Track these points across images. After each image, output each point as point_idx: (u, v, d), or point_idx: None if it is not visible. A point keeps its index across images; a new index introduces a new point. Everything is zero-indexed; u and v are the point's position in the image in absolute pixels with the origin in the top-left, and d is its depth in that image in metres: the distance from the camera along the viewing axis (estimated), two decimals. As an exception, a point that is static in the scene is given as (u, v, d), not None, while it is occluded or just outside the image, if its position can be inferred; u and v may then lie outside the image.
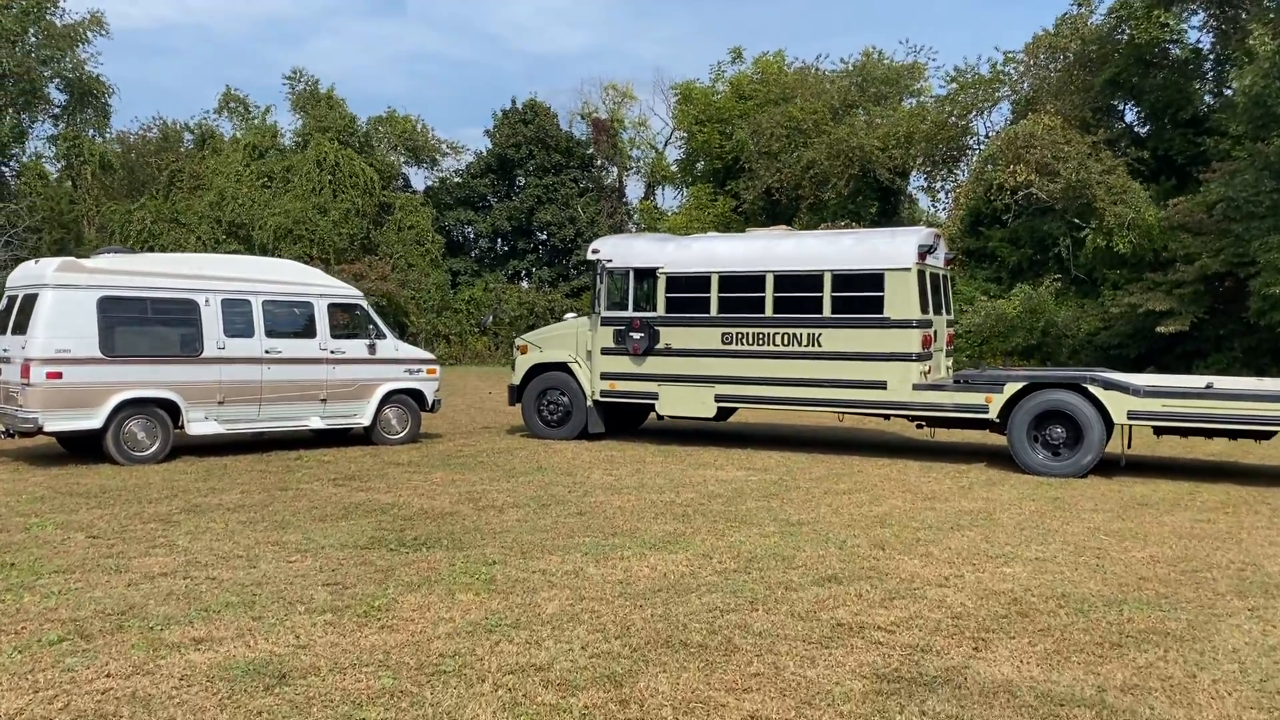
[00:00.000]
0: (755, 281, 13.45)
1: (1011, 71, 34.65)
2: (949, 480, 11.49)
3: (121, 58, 71.47)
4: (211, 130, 46.40)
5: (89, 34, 41.27)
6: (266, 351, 12.76)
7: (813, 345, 13.10)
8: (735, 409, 14.39)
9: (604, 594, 6.20)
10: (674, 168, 47.84)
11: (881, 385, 12.75)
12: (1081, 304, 29.21)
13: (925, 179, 38.94)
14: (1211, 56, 29.09)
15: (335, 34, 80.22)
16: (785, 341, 13.24)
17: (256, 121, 45.48)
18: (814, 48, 77.74)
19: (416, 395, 14.17)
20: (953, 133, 35.46)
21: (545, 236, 46.24)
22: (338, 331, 13.73)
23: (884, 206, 38.45)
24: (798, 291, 13.27)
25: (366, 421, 13.66)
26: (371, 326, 13.69)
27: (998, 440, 13.97)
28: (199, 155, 44.56)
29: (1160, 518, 9.29)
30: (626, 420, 15.71)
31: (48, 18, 39.67)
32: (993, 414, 12.33)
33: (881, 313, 12.76)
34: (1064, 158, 25.65)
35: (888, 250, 12.87)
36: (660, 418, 15.44)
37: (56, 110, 43.04)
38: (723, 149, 42.20)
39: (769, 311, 13.33)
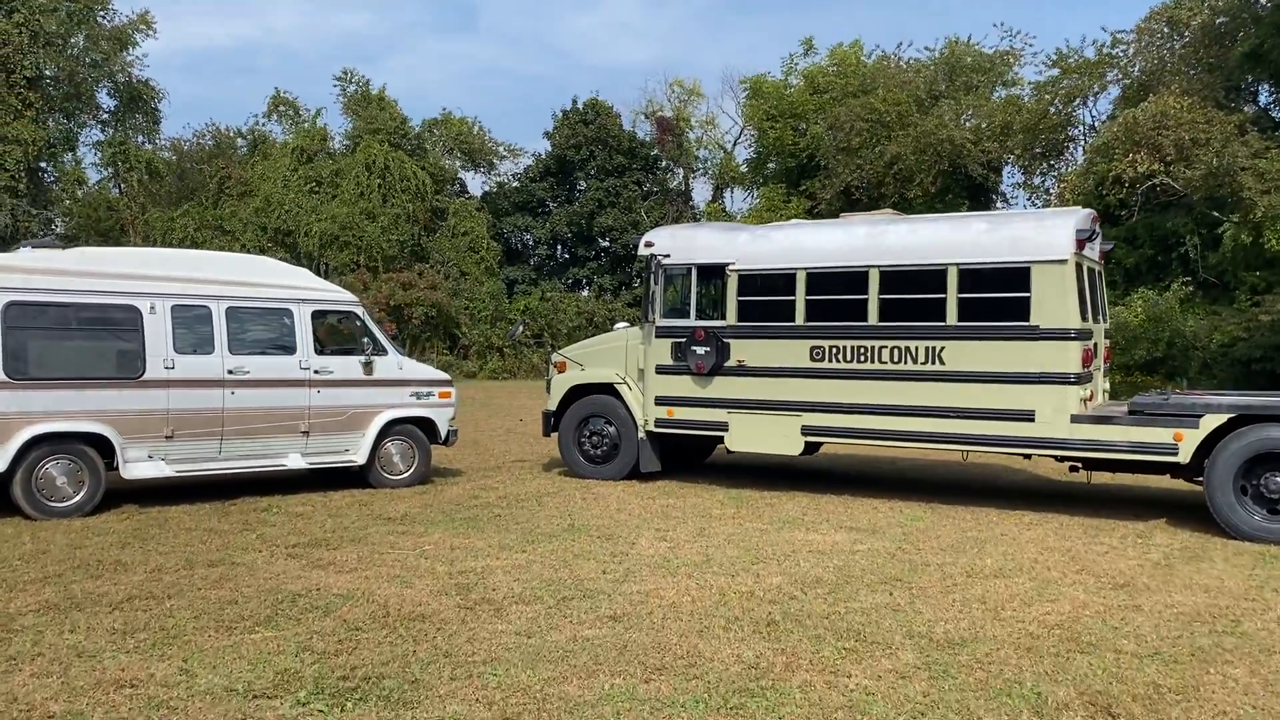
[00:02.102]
0: (855, 280, 10.38)
1: (1121, 53, 31.01)
2: (1132, 550, 8.29)
3: (202, 76, 71.78)
4: (264, 136, 44.67)
5: (136, 36, 39.77)
6: (230, 372, 10.04)
7: (933, 362, 9.98)
8: (824, 442, 11.26)
9: None
10: (743, 168, 44.76)
11: (1027, 416, 9.58)
12: (1213, 310, 25.47)
13: (1022, 173, 35.30)
14: (1368, 24, 25.17)
15: (410, 51, 79.07)
16: (895, 358, 10.14)
17: (307, 125, 43.50)
18: (892, 43, 74.08)
19: (426, 425, 11.34)
20: (1056, 121, 31.80)
21: (607, 243, 43.50)
22: (326, 346, 11.01)
23: (975, 205, 34.96)
24: (912, 292, 10.18)
25: (360, 459, 10.86)
26: (367, 340, 10.89)
27: (1164, 483, 10.68)
28: (249, 161, 42.84)
29: None
30: (689, 453, 12.71)
31: (96, 19, 38.09)
32: (1183, 457, 9.10)
33: (1027, 319, 9.59)
34: (1202, 141, 22.02)
35: (1036, 237, 9.70)
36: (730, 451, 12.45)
37: (105, 115, 41.71)
38: (796, 146, 39.06)
39: (873, 319, 10.25)
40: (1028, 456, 10.52)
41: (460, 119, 45.08)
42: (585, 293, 42.29)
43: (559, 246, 44.71)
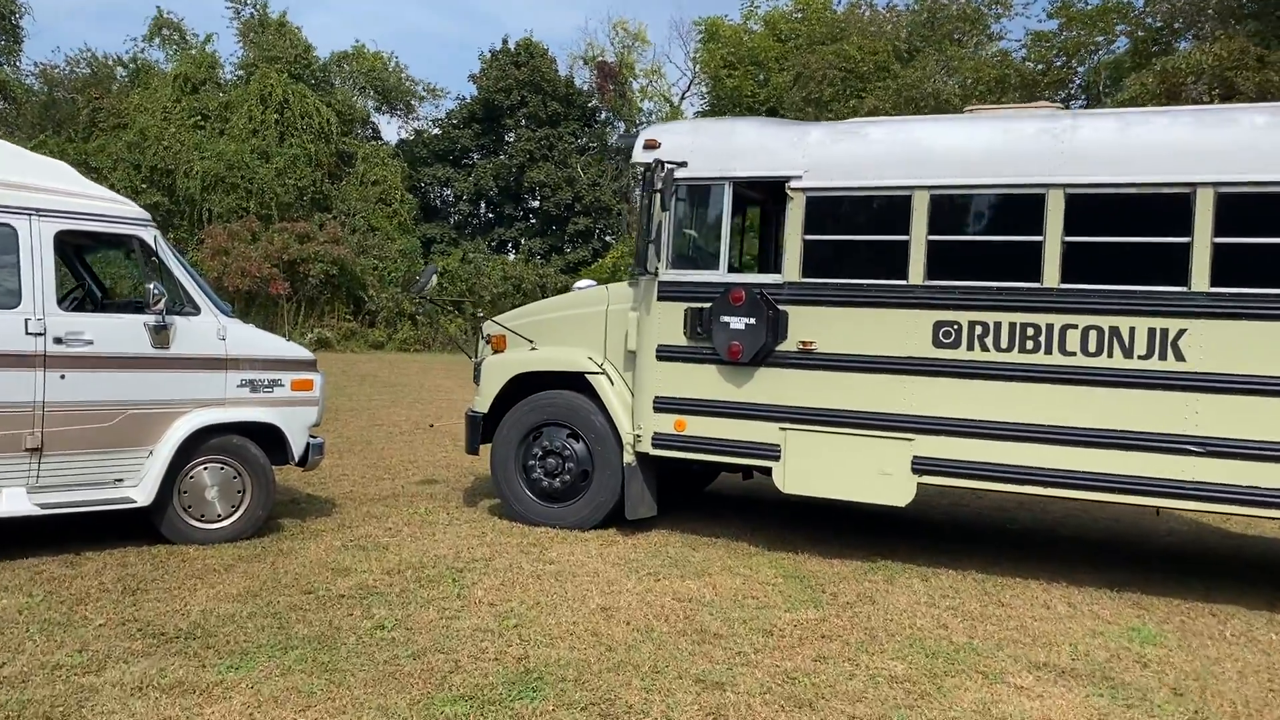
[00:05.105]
0: (1020, 210, 6.04)
1: (1133, 2, 27.46)
2: None
3: (118, 26, 65.20)
4: (148, 65, 38.71)
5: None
6: (-123, 336, 5.29)
7: (1163, 356, 5.69)
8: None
9: None
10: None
11: (1342, 458, 5.37)
12: None
13: (1010, 137, 31.52)
14: None
15: (329, 10, 71.64)
16: (1093, 346, 5.82)
17: (194, 52, 37.65)
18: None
19: (267, 437, 6.67)
20: (1058, 77, 28.11)
21: (538, 201, 38.67)
22: (84, 296, 6.35)
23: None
24: (1126, 233, 5.89)
25: (144, 496, 6.15)
26: (159, 288, 6.14)
27: None
28: (127, 91, 37.02)
29: None
30: (680, 479, 8.33)
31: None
32: None
33: (1351, 286, 5.37)
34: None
35: (1369, 137, 5.45)
36: (748, 476, 8.12)
37: (-50, 32, 35.76)
38: (756, 98, 34.78)
39: (1052, 278, 5.91)
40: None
41: (374, 53, 39.72)
42: (513, 256, 37.50)
43: (483, 203, 39.73)
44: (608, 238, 37.86)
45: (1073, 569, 6.68)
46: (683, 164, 6.73)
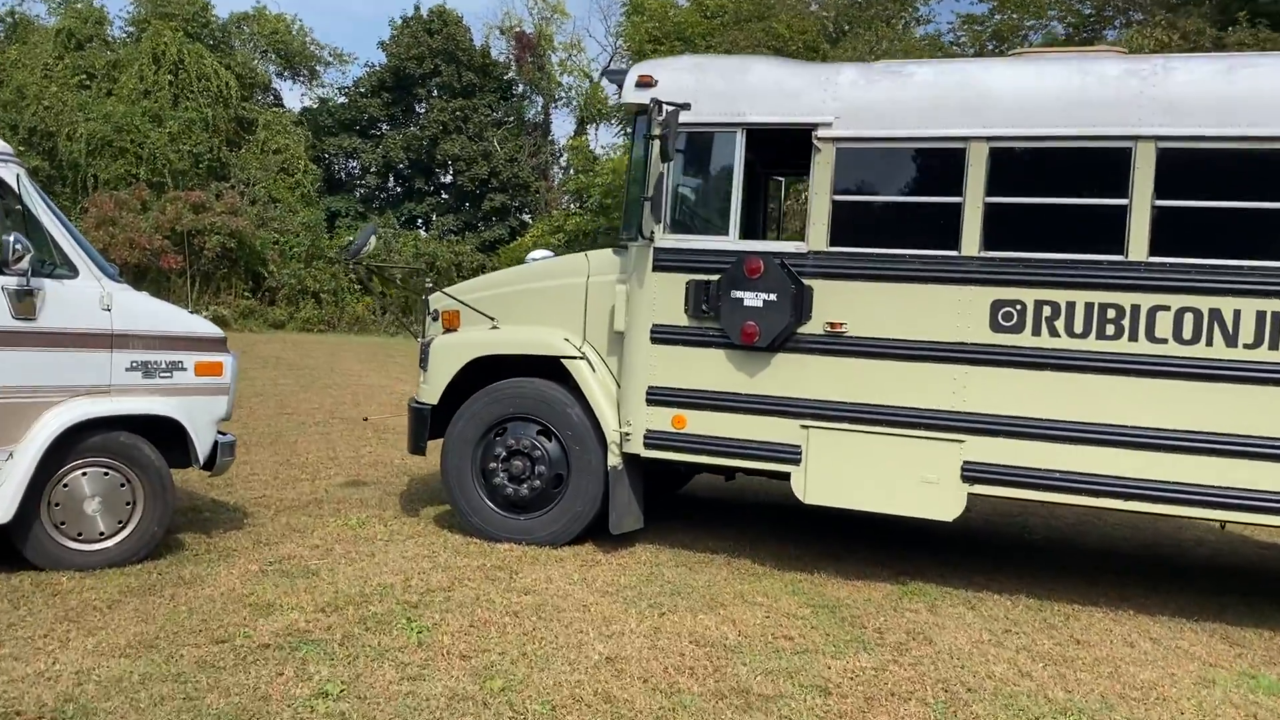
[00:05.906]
0: (1100, 166, 5.05)
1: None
2: None
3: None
4: (26, 19, 35.79)
5: None
6: None
7: (1271, 344, 4.77)
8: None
9: None
10: (613, 100, 39.05)
11: None
12: None
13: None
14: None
15: None
16: (1187, 332, 4.87)
17: (79, 6, 34.87)
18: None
19: (164, 433, 5.31)
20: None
21: (451, 176, 36.96)
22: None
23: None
24: (1227, 197, 4.95)
25: (0, 511, 4.77)
26: (14, 238, 4.72)
27: None
28: (3, 47, 34.11)
29: None
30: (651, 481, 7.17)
31: None
32: None
33: None
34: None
35: None
36: (729, 478, 7.07)
37: None
38: (681, 75, 33.76)
39: (1138, 250, 4.93)
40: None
41: (277, 16, 37.38)
42: (425, 233, 35.74)
43: (392, 176, 37.82)
44: (525, 216, 36.44)
45: (1125, 590, 5.78)
46: (685, 106, 5.56)
